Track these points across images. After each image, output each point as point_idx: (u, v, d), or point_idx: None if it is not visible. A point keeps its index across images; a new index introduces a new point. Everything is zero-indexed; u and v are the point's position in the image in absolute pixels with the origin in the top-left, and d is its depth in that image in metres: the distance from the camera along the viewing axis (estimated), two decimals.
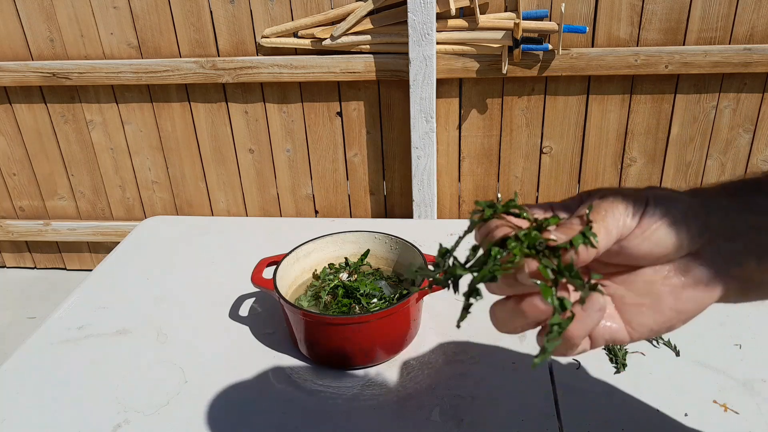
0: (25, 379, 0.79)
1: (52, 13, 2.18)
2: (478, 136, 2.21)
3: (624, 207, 0.39)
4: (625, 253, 0.39)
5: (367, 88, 2.19)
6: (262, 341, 0.84)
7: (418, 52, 1.97)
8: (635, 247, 0.39)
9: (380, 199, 2.39)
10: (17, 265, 2.75)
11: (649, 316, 0.40)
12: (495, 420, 0.70)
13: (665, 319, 0.40)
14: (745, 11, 1.92)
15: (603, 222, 0.38)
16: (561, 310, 0.37)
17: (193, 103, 2.29)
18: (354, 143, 2.29)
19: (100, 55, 2.24)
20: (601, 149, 2.19)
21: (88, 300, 0.96)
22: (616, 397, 0.72)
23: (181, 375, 0.78)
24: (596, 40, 2.01)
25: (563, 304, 0.37)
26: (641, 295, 0.41)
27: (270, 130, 2.30)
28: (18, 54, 2.27)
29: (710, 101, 2.07)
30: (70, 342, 0.86)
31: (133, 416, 0.72)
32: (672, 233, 0.38)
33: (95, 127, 2.38)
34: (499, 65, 2.03)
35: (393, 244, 0.89)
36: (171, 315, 0.91)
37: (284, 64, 2.11)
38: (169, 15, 2.15)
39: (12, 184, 2.54)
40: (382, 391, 0.75)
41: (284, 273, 0.83)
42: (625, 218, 0.38)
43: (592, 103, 2.12)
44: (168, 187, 2.47)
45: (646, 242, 0.38)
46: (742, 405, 0.70)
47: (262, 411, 0.72)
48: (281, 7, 2.08)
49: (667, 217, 0.38)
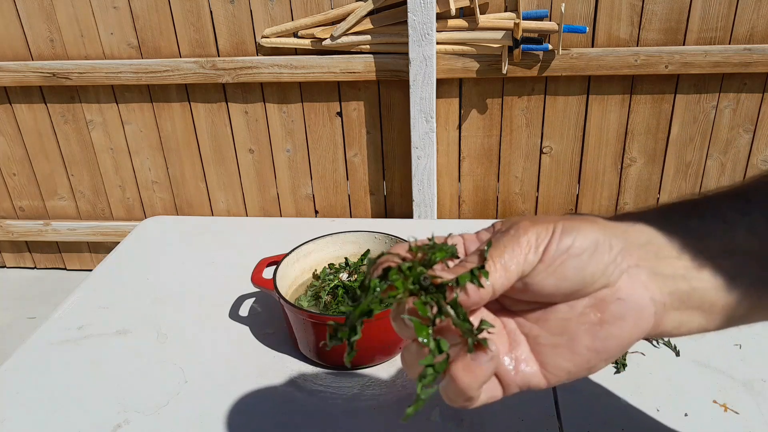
0: (25, 379, 0.79)
1: (52, 13, 2.18)
2: (478, 136, 2.21)
3: (526, 241, 0.35)
4: (530, 290, 0.36)
5: (367, 88, 2.19)
6: (262, 341, 0.84)
7: (418, 52, 1.97)
8: (539, 283, 0.36)
9: (380, 199, 2.39)
10: (17, 265, 2.75)
11: (566, 358, 0.37)
12: (495, 420, 0.70)
13: (583, 360, 0.37)
14: (745, 11, 1.92)
15: (500, 258, 0.35)
16: (437, 352, 0.33)
17: (193, 103, 2.29)
18: (354, 143, 2.29)
19: (100, 55, 2.24)
20: (601, 149, 2.19)
21: (88, 300, 0.96)
22: (616, 397, 0.72)
23: (181, 375, 0.78)
24: (596, 40, 2.01)
25: (440, 346, 0.33)
26: (556, 334, 0.37)
27: (270, 130, 2.30)
28: (18, 54, 2.27)
29: (710, 101, 2.07)
30: (70, 342, 0.86)
31: (133, 416, 0.72)
32: (579, 267, 0.35)
33: (95, 127, 2.38)
34: (499, 65, 2.03)
35: (393, 244, 0.89)
36: (171, 315, 0.91)
37: (284, 64, 2.11)
38: (169, 15, 2.15)
39: (12, 184, 2.54)
40: (382, 391, 0.75)
41: (284, 273, 0.83)
42: (527, 253, 0.35)
43: (592, 103, 2.12)
44: (168, 187, 2.47)
45: (550, 278, 0.35)
46: (742, 405, 0.70)
47: (262, 411, 0.72)
48: (281, 7, 2.08)
49: (574, 249, 0.35)
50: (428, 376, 0.33)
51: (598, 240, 0.36)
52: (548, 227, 0.36)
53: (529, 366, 0.38)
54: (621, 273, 0.36)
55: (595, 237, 0.36)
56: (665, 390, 0.73)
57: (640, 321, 0.37)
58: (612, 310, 0.36)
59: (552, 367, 0.37)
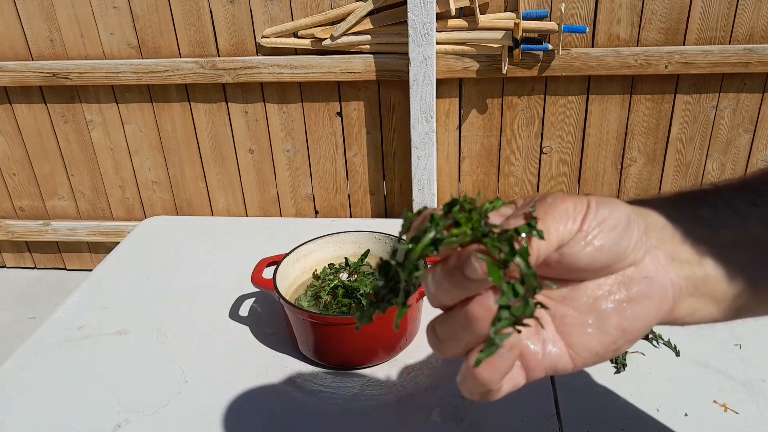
0: (25, 379, 0.79)
1: (52, 13, 2.18)
2: (478, 136, 2.21)
3: (564, 209, 0.35)
4: (565, 261, 0.35)
5: (367, 88, 2.19)
6: (262, 341, 0.84)
7: (418, 52, 1.97)
8: (576, 254, 0.35)
9: (380, 199, 2.39)
10: (17, 265, 2.75)
11: (594, 338, 0.36)
12: (495, 420, 0.70)
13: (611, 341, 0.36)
14: (745, 11, 1.92)
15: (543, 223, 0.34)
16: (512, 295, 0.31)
17: (193, 103, 2.29)
18: (354, 143, 2.29)
19: (100, 55, 2.24)
20: (601, 149, 2.19)
21: (88, 300, 0.96)
22: (616, 397, 0.72)
23: (181, 375, 0.78)
24: (596, 40, 2.01)
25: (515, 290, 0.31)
26: (584, 313, 0.36)
27: (270, 130, 2.30)
28: (18, 54, 2.27)
29: (710, 101, 2.07)
30: (70, 342, 0.86)
31: (133, 416, 0.72)
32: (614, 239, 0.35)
33: (95, 127, 2.38)
34: (499, 65, 2.03)
35: (393, 244, 0.89)
36: (171, 315, 0.91)
37: (284, 64, 2.11)
38: (169, 15, 2.15)
39: (12, 184, 2.54)
40: (382, 391, 0.75)
41: (284, 273, 0.83)
42: (566, 220, 0.34)
43: (592, 103, 2.12)
44: (168, 187, 2.47)
45: (588, 248, 0.35)
46: (742, 405, 0.70)
47: (262, 411, 0.72)
48: (281, 7, 2.08)
49: (610, 220, 0.35)
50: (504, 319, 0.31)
51: (630, 215, 0.36)
52: (582, 199, 0.36)
53: (556, 347, 0.36)
54: (646, 252, 0.37)
55: (627, 212, 0.36)
56: (665, 390, 0.73)
57: (663, 302, 0.37)
58: (639, 289, 0.36)
59: (580, 348, 0.36)
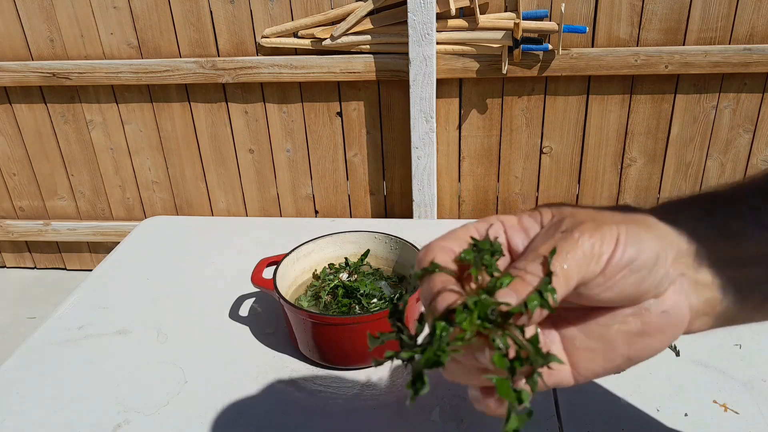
0: (25, 379, 0.79)
1: (52, 13, 2.18)
2: (478, 136, 2.21)
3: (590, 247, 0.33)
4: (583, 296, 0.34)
5: (367, 88, 2.19)
6: (262, 341, 0.84)
7: (418, 52, 1.97)
8: (595, 296, 0.34)
9: (380, 199, 2.39)
10: (17, 265, 2.75)
11: (599, 363, 0.36)
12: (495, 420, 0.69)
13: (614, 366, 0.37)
14: (745, 11, 1.92)
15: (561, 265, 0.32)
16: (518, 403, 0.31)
17: (193, 103, 2.29)
18: (354, 143, 2.29)
19: (100, 55, 2.24)
20: (601, 149, 2.19)
21: (88, 300, 0.96)
22: (616, 397, 0.72)
23: (181, 375, 0.78)
24: (596, 40, 2.01)
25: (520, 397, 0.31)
26: (593, 339, 0.36)
27: (270, 130, 2.30)
28: (18, 54, 2.27)
29: (710, 101, 2.07)
30: (70, 342, 0.86)
31: (133, 416, 0.72)
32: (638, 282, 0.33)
33: (95, 127, 2.38)
34: (499, 65, 2.03)
35: (393, 244, 0.89)
36: (171, 315, 0.91)
37: (284, 64, 2.11)
38: (169, 15, 2.15)
39: (12, 184, 2.54)
40: (382, 391, 0.75)
41: (284, 273, 0.83)
42: (589, 263, 0.33)
43: (592, 103, 2.12)
44: (168, 187, 2.47)
45: (608, 292, 0.33)
46: (742, 405, 0.70)
47: (262, 411, 0.72)
48: (281, 7, 2.08)
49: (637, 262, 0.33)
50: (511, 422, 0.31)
51: (659, 253, 0.34)
52: (612, 233, 0.33)
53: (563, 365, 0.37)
54: (670, 284, 0.35)
55: (656, 250, 0.34)
56: (665, 390, 0.72)
57: (677, 329, 0.36)
58: (654, 322, 0.35)
59: (583, 369, 0.37)
